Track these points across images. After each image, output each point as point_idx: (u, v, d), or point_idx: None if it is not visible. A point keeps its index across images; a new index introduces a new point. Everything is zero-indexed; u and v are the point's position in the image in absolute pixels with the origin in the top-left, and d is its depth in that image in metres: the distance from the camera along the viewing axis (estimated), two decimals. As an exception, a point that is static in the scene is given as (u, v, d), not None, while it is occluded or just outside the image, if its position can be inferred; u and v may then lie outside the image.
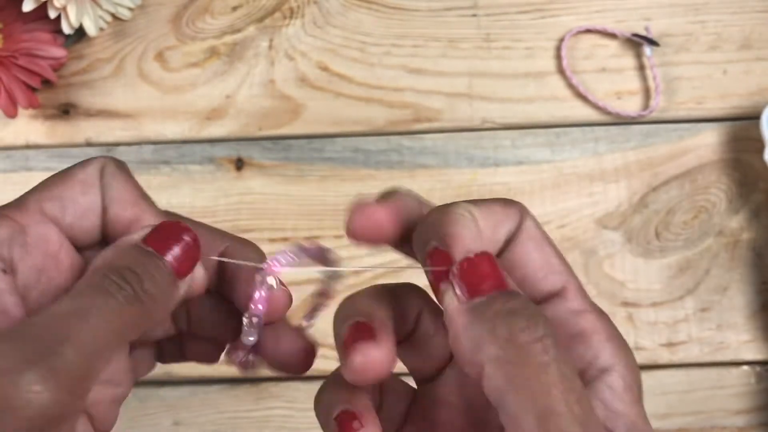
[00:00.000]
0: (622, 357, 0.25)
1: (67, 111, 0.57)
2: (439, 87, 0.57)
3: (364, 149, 0.56)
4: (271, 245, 0.55)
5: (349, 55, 0.57)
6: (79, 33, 0.56)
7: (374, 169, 0.56)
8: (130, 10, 0.58)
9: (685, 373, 0.53)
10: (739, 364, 0.53)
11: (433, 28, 0.58)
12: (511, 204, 0.26)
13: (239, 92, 0.57)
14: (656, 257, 0.54)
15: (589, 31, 0.57)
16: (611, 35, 0.57)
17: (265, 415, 0.53)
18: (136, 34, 0.58)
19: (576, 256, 0.54)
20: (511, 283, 0.23)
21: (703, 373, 0.53)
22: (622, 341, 0.25)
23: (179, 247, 0.25)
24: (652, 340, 0.53)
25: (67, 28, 0.54)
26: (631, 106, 0.56)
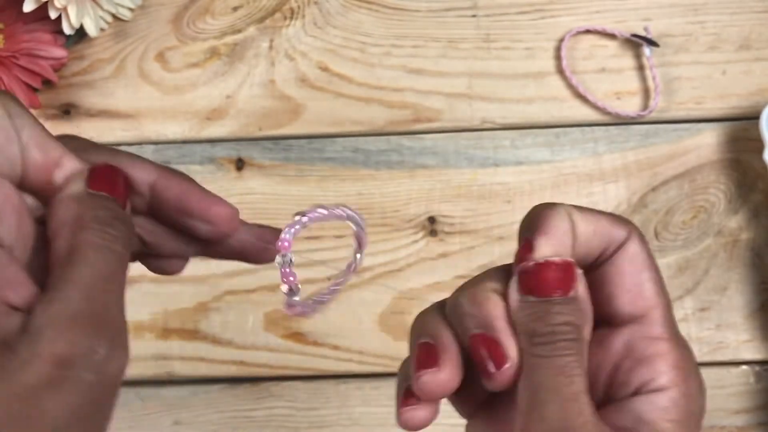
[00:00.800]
0: (681, 384, 0.25)
1: (67, 111, 0.57)
2: (438, 87, 0.57)
3: (364, 149, 0.56)
4: (272, 245, 0.55)
5: (349, 56, 0.58)
6: (80, 33, 0.56)
7: (374, 169, 0.56)
8: (131, 10, 0.58)
9: (685, 372, 0.53)
10: (738, 363, 0.53)
11: (433, 28, 0.58)
12: (622, 222, 0.27)
13: (239, 92, 0.57)
14: (655, 257, 0.54)
15: (588, 32, 0.57)
16: (611, 36, 0.57)
17: (266, 415, 0.53)
18: (136, 34, 0.58)
19: (575, 256, 0.54)
20: (580, 290, 0.25)
21: (703, 373, 0.52)
22: (691, 372, 0.26)
23: (120, 186, 0.26)
24: (651, 339, 0.53)
25: (67, 29, 0.54)
26: (631, 106, 0.56)
